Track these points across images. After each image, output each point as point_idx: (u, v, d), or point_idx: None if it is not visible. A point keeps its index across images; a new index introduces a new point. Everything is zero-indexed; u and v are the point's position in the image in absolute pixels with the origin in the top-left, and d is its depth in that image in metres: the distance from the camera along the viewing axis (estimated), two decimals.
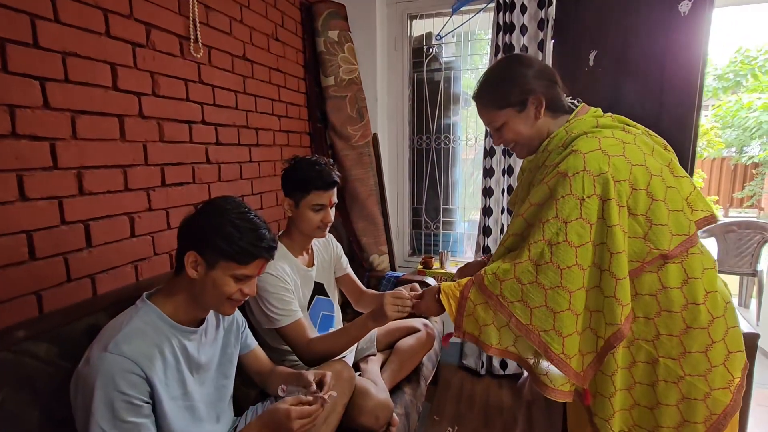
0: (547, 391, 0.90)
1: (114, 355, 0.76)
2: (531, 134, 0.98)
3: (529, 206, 0.91)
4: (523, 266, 0.87)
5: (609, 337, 0.84)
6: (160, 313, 0.87)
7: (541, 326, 0.86)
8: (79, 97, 1.02)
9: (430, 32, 2.41)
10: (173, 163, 1.31)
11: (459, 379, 2.22)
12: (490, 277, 0.91)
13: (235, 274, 0.87)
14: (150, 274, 1.24)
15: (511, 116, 0.96)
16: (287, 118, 1.94)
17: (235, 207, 0.89)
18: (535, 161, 0.99)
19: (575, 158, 0.85)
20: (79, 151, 1.02)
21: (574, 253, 0.84)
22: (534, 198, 0.90)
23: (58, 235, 0.99)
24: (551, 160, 0.92)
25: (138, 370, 0.78)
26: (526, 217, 0.91)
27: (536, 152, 1.00)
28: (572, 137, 0.91)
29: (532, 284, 0.86)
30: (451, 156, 2.50)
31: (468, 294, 0.94)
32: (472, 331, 0.94)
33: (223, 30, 1.49)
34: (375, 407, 1.15)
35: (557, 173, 0.86)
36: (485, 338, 0.93)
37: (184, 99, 1.33)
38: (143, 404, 0.78)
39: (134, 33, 1.15)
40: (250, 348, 1.12)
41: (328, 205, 1.33)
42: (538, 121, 0.96)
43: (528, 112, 0.96)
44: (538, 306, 0.86)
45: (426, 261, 2.39)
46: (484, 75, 1.02)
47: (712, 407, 0.86)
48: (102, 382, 0.74)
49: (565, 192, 0.84)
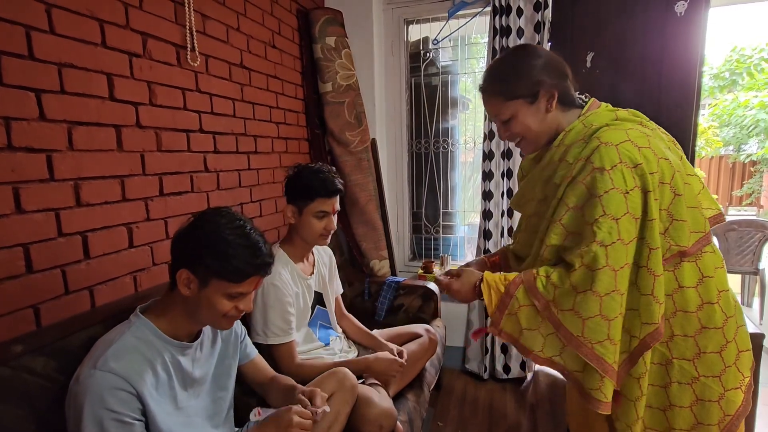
0: (601, 407, 0.82)
1: (103, 372, 0.74)
2: (540, 128, 0.93)
3: (566, 210, 0.84)
4: (579, 274, 0.81)
5: (645, 336, 0.80)
6: (154, 328, 0.85)
7: (594, 338, 0.80)
8: (76, 108, 1.01)
9: (427, 37, 2.42)
10: (171, 172, 1.30)
11: (462, 384, 2.21)
12: (543, 280, 0.84)
13: (229, 292, 0.84)
14: (149, 284, 1.23)
15: (521, 108, 0.91)
16: (285, 124, 1.94)
17: (229, 220, 0.85)
18: (548, 158, 0.92)
19: (608, 150, 0.80)
20: (76, 162, 1.02)
21: (626, 251, 0.79)
22: (571, 200, 0.84)
23: (56, 247, 0.98)
24: (573, 154, 0.87)
25: (128, 387, 0.76)
26: (565, 222, 0.85)
27: (545, 148, 0.95)
28: (593, 129, 0.86)
29: (586, 293, 0.80)
30: (450, 160, 2.49)
31: (514, 292, 0.87)
32: (511, 331, 0.88)
33: (219, 38, 1.49)
34: (378, 416, 1.13)
35: (593, 169, 0.80)
36: (526, 342, 0.87)
37: (181, 108, 1.33)
38: (134, 422, 0.76)
39: (130, 43, 1.15)
40: (250, 357, 1.11)
41: (332, 212, 1.33)
42: (549, 114, 0.91)
43: (539, 104, 0.91)
44: (592, 316, 0.79)
45: (427, 265, 2.37)
46: (491, 65, 0.97)
47: (726, 408, 0.84)
48: (91, 400, 0.73)
49: (607, 187, 0.79)
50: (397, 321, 1.93)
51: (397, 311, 2.02)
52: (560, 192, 0.86)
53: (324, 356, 1.41)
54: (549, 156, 0.92)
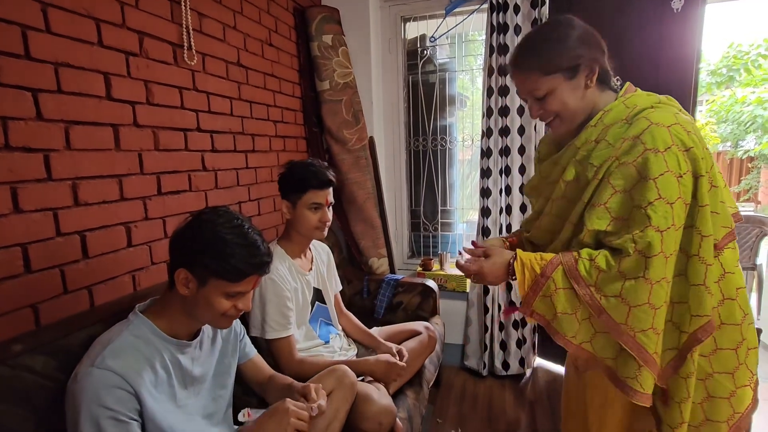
0: (636, 396, 0.79)
1: (100, 370, 0.75)
2: (577, 107, 0.86)
3: (612, 193, 0.79)
4: (632, 260, 0.76)
5: (696, 330, 0.76)
6: (153, 327, 0.85)
7: (638, 326, 0.76)
8: (73, 107, 1.01)
9: (424, 34, 2.42)
10: (169, 171, 1.30)
11: (461, 381, 2.21)
12: (586, 264, 0.80)
13: (228, 291, 0.84)
14: (148, 283, 1.23)
15: (559, 84, 0.84)
16: (283, 123, 1.94)
17: (227, 219, 0.85)
18: (583, 137, 0.86)
19: (660, 131, 0.76)
20: (74, 161, 1.02)
21: (676, 238, 0.76)
22: (619, 183, 0.78)
23: (54, 247, 0.98)
24: (614, 134, 0.82)
25: (125, 385, 0.76)
26: (611, 206, 0.79)
27: (578, 129, 0.89)
28: (637, 110, 0.81)
29: (638, 280, 0.76)
30: (448, 157, 2.49)
31: (551, 274, 0.82)
32: (544, 313, 0.84)
33: (216, 37, 1.49)
34: (378, 413, 1.14)
35: (645, 150, 0.76)
36: (559, 326, 0.83)
37: (178, 107, 1.33)
38: (130, 421, 0.76)
39: (127, 42, 1.15)
40: (249, 356, 1.11)
41: (325, 204, 1.34)
42: (587, 92, 0.86)
43: (578, 80, 0.85)
44: (639, 304, 0.76)
45: (425, 263, 2.38)
46: (525, 37, 0.91)
47: (736, 406, 0.83)
48: (88, 397, 0.73)
49: (662, 169, 0.74)
50: (396, 318, 1.94)
51: (396, 309, 2.03)
52: (601, 173, 0.81)
53: (324, 354, 1.41)
54: (584, 135, 0.86)
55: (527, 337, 2.19)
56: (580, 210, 0.85)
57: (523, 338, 2.18)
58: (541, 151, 1.04)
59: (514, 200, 2.10)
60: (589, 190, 0.83)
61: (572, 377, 1.04)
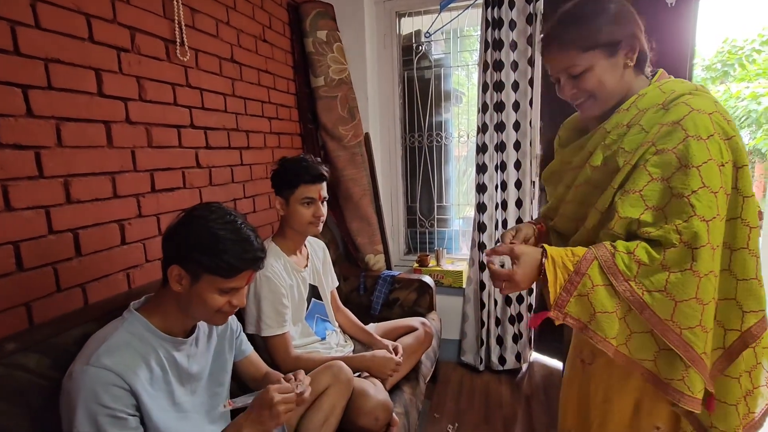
0: (684, 400, 0.73)
1: (96, 368, 0.74)
2: (614, 87, 0.81)
3: (649, 180, 0.74)
4: (677, 252, 0.71)
5: (751, 327, 0.72)
6: (148, 324, 0.85)
7: (685, 323, 0.71)
8: (64, 104, 1.00)
9: (419, 30, 2.41)
10: (163, 168, 1.29)
11: (458, 376, 2.22)
12: (625, 258, 0.74)
13: (221, 287, 0.84)
14: (143, 281, 1.23)
15: (598, 61, 0.79)
16: (278, 119, 1.93)
17: (220, 215, 0.85)
18: (614, 121, 0.82)
19: (702, 118, 0.72)
20: (65, 159, 1.01)
21: (721, 229, 0.72)
22: (656, 170, 0.74)
23: (46, 245, 0.97)
24: (649, 120, 0.77)
25: (121, 383, 0.76)
26: (647, 194, 0.74)
27: (607, 113, 0.84)
28: (674, 96, 0.77)
29: (684, 273, 0.70)
30: (444, 153, 2.49)
31: (586, 270, 0.75)
32: (579, 315, 0.76)
33: (209, 33, 1.48)
34: (374, 408, 1.14)
35: (686, 137, 0.71)
36: (599, 328, 0.75)
37: (171, 103, 1.32)
38: (129, 417, 0.76)
39: (118, 37, 1.14)
40: (245, 354, 1.11)
41: (318, 198, 1.34)
42: (625, 72, 0.81)
43: (617, 59, 0.79)
44: (686, 299, 0.71)
45: (422, 259, 2.38)
46: (563, 10, 0.84)
47: (751, 405, 0.80)
48: (84, 396, 0.73)
49: (705, 157, 0.70)
50: (393, 315, 1.94)
51: (392, 305, 2.03)
52: (635, 159, 0.76)
53: (320, 350, 1.42)
54: (615, 119, 0.82)
55: (523, 332, 2.20)
56: (609, 196, 0.79)
57: (520, 333, 2.19)
58: (562, 136, 1.00)
59: (509, 195, 2.10)
60: (620, 176, 0.78)
61: (575, 370, 0.99)
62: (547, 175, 1.01)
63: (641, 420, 0.84)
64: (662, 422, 0.83)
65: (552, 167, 0.99)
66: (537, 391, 2.07)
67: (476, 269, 2.19)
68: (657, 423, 0.83)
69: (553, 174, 0.99)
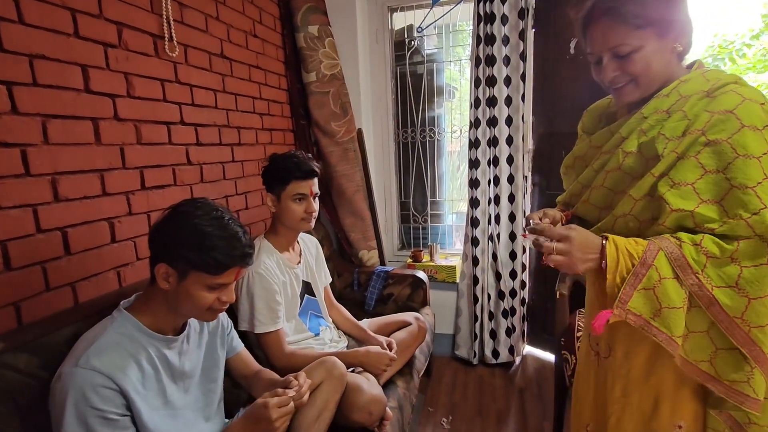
0: (747, 403, 0.70)
1: (85, 369, 0.74)
2: (659, 70, 0.76)
3: (702, 173, 0.70)
4: (750, 245, 0.67)
5: None
6: (137, 323, 0.84)
7: (755, 321, 0.67)
8: (50, 100, 0.99)
9: (412, 25, 2.40)
10: (153, 165, 1.28)
11: (452, 370, 2.24)
12: (692, 249, 0.69)
13: (209, 284, 0.83)
14: (134, 279, 1.22)
15: (649, 40, 0.74)
16: (269, 116, 1.92)
17: (206, 211, 0.84)
18: (652, 106, 0.78)
19: (754, 108, 0.69)
20: (52, 156, 0.99)
21: None
22: (710, 162, 0.70)
23: (35, 243, 0.96)
24: (693, 107, 0.73)
25: (111, 384, 0.75)
26: (701, 187, 0.70)
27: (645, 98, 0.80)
28: (720, 84, 0.73)
29: (760, 268, 0.67)
30: (437, 148, 2.49)
31: (653, 261, 0.70)
32: (642, 311, 0.71)
33: (198, 28, 1.46)
34: (368, 403, 1.15)
35: (741, 126, 0.68)
36: (664, 324, 0.70)
37: (161, 100, 1.30)
38: (119, 418, 0.76)
39: (105, 33, 1.12)
40: (237, 351, 1.11)
41: (310, 194, 1.33)
42: (672, 56, 0.76)
43: (667, 41, 0.75)
44: (761, 296, 0.67)
45: (416, 254, 2.39)
46: None
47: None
48: (73, 398, 0.72)
49: (764, 148, 0.67)
50: (387, 310, 1.95)
51: (386, 300, 2.04)
52: (681, 147, 0.72)
53: (314, 346, 1.42)
54: (654, 104, 0.78)
55: (516, 326, 2.21)
56: (647, 185, 0.75)
57: (513, 327, 2.21)
58: (586, 122, 0.97)
59: (502, 190, 2.11)
60: (663, 165, 0.73)
61: (590, 363, 0.95)
62: (570, 161, 0.96)
63: (661, 418, 0.81)
64: (684, 420, 0.80)
65: (577, 152, 0.94)
66: (530, 383, 2.09)
67: (470, 264, 2.20)
68: (679, 422, 0.80)
69: (578, 159, 0.93)
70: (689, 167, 0.71)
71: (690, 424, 0.79)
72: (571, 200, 0.95)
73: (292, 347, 1.33)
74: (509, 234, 2.16)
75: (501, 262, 2.16)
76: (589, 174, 0.88)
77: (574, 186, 0.93)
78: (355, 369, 1.33)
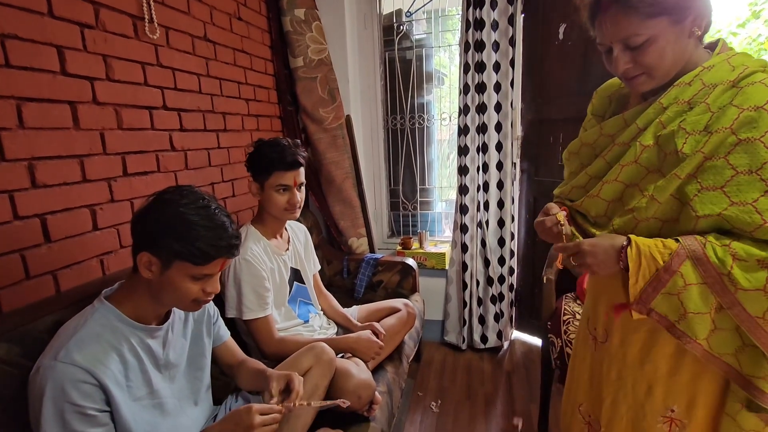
0: (763, 399, 0.70)
1: (65, 364, 0.72)
2: (674, 60, 0.73)
3: (733, 174, 0.68)
4: None
5: None
6: (119, 314, 0.83)
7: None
8: (24, 83, 0.95)
9: (400, 9, 2.36)
10: (135, 151, 1.25)
11: (441, 355, 2.27)
12: (719, 251, 0.67)
13: (193, 274, 0.81)
14: (118, 267, 1.20)
15: (664, 29, 0.70)
16: (256, 101, 1.88)
17: (192, 200, 0.81)
18: (671, 95, 0.74)
19: None
20: (29, 141, 0.96)
21: None
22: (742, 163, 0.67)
23: (12, 231, 0.94)
24: (716, 100, 0.70)
25: (90, 379, 0.74)
26: (729, 189, 0.68)
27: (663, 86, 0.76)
28: (746, 73, 0.69)
29: None
30: (426, 135, 2.49)
31: (679, 267, 0.69)
32: (667, 313, 0.71)
33: (180, 9, 1.42)
34: (357, 387, 1.16)
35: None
36: (689, 329, 0.70)
37: (142, 83, 1.27)
38: (97, 414, 0.75)
39: (81, 13, 1.08)
40: (223, 340, 1.10)
41: (293, 185, 1.32)
42: (690, 42, 0.72)
43: (683, 27, 0.70)
44: None
45: (405, 242, 2.40)
46: None
47: None
48: (51, 393, 0.71)
49: None
50: (377, 297, 1.95)
51: (376, 287, 2.04)
52: (708, 148, 0.69)
53: (303, 333, 1.42)
54: (674, 93, 0.74)
55: (505, 311, 2.25)
56: (670, 186, 0.72)
57: (501, 312, 2.24)
58: (596, 104, 0.92)
59: (491, 177, 2.12)
60: (689, 165, 0.70)
61: (587, 347, 0.95)
62: (576, 147, 0.91)
63: (655, 401, 0.82)
64: (677, 405, 0.81)
65: (585, 139, 0.89)
66: (518, 367, 2.13)
67: (459, 251, 2.21)
68: (672, 405, 0.81)
69: (585, 146, 0.89)
70: (720, 170, 0.68)
71: (683, 408, 0.80)
72: (572, 193, 0.90)
73: (282, 334, 1.33)
74: (498, 220, 2.17)
75: (490, 248, 2.18)
76: (600, 166, 0.83)
77: (580, 177, 0.88)
78: (345, 355, 1.34)
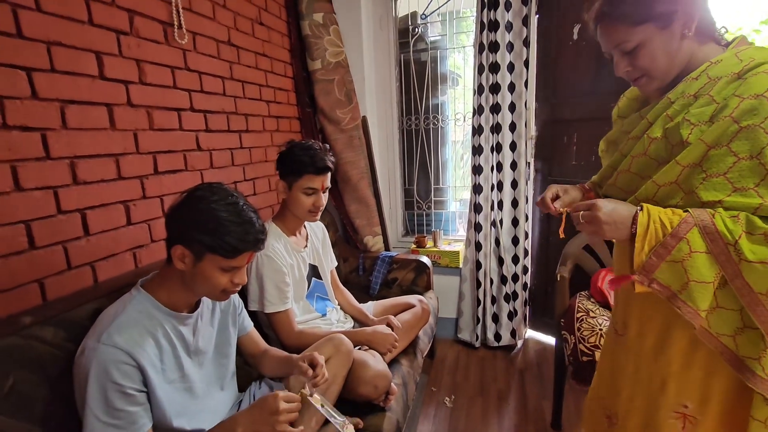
0: (754, 381, 0.71)
1: (107, 346, 0.79)
2: (670, 62, 0.77)
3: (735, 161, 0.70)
4: None
5: None
6: (154, 301, 0.89)
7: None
8: (67, 86, 1.02)
9: (415, 11, 2.40)
10: (164, 150, 1.32)
11: (455, 352, 2.29)
12: (728, 221, 0.68)
13: (223, 266, 0.87)
14: (149, 260, 1.27)
15: (651, 35, 0.75)
16: (276, 103, 1.94)
17: (222, 196, 0.87)
18: (679, 90, 0.77)
19: None
20: (71, 140, 1.03)
21: None
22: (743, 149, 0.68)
23: (56, 224, 1.01)
24: (720, 91, 0.71)
25: (130, 360, 0.80)
26: (734, 176, 0.70)
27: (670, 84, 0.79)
28: (752, 65, 0.70)
29: None
30: (440, 136, 2.52)
31: (685, 234, 0.69)
32: (669, 282, 0.71)
33: (206, 15, 1.48)
34: (374, 377, 1.20)
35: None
36: (690, 298, 0.70)
37: (171, 86, 1.34)
38: (136, 393, 0.81)
39: (117, 20, 1.15)
40: (246, 330, 1.16)
41: (320, 189, 1.36)
42: (683, 43, 0.76)
43: (672, 30, 0.74)
44: None
45: (419, 240, 2.43)
46: None
47: None
48: (96, 372, 0.77)
49: None
50: (391, 294, 1.99)
51: (391, 285, 2.08)
52: (710, 137, 0.71)
53: (321, 326, 1.47)
54: (681, 88, 0.77)
55: (518, 310, 2.26)
56: (673, 173, 0.74)
57: (515, 311, 2.26)
58: (621, 106, 0.97)
59: (505, 176, 2.14)
60: (692, 154, 0.72)
61: (610, 339, 0.98)
62: (605, 145, 0.97)
63: (668, 396, 0.83)
64: (691, 402, 0.81)
65: (609, 137, 0.96)
66: (531, 365, 2.14)
67: (473, 249, 2.24)
68: (685, 401, 0.81)
69: (610, 144, 0.95)
70: (723, 157, 0.70)
71: (696, 405, 0.80)
72: (601, 182, 0.96)
73: (301, 327, 1.38)
74: (512, 219, 2.19)
75: (503, 247, 2.20)
76: (617, 158, 0.88)
77: (605, 169, 0.94)
78: (362, 347, 1.38)
